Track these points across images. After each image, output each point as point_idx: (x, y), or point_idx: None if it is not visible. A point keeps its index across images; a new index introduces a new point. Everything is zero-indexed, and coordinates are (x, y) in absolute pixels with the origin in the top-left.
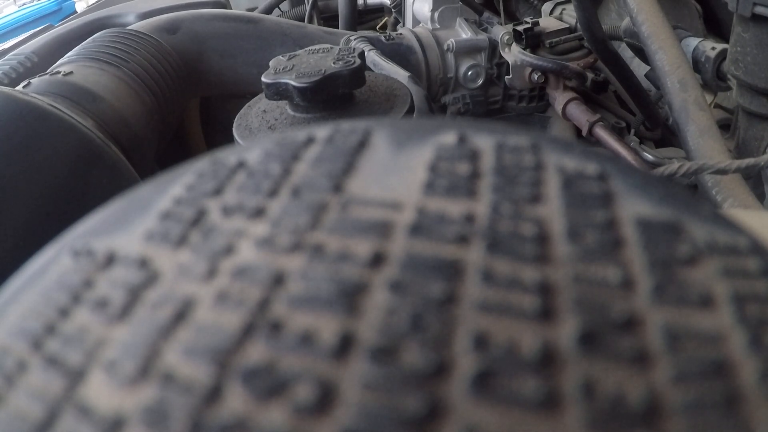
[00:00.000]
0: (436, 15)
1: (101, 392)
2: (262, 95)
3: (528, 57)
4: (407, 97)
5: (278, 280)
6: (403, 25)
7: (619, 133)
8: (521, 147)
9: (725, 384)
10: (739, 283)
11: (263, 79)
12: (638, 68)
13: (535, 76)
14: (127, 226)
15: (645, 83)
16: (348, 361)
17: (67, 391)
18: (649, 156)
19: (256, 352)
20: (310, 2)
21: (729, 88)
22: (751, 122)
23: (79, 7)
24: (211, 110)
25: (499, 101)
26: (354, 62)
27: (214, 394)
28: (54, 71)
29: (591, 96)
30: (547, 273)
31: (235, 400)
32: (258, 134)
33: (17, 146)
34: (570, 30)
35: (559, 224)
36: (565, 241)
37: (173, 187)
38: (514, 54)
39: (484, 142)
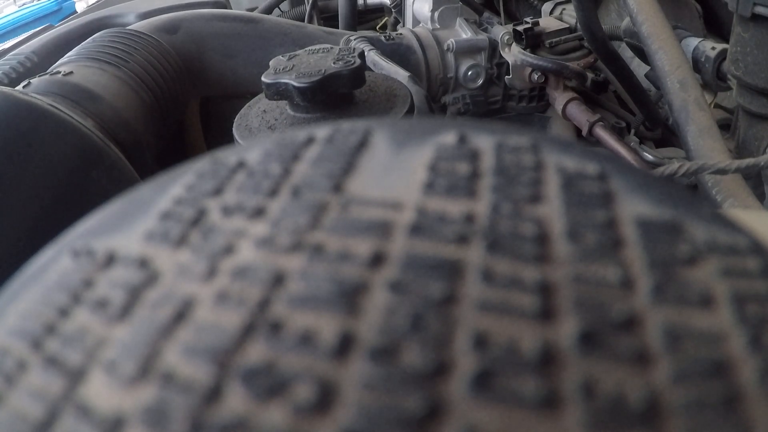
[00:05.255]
0: (436, 15)
1: (101, 392)
2: (262, 95)
3: (528, 57)
4: (407, 97)
5: (278, 280)
6: (403, 25)
7: (619, 133)
8: (521, 147)
9: (725, 384)
10: (739, 283)
11: (263, 79)
12: (638, 68)
13: (535, 76)
14: (127, 226)
15: (645, 83)
16: (348, 361)
17: (67, 391)
18: (649, 156)
19: (256, 352)
20: (310, 2)
21: (729, 88)
22: (751, 122)
23: (79, 7)
24: (211, 110)
25: (499, 101)
26: (354, 62)
27: (214, 394)
28: (54, 71)
29: (591, 96)
30: (547, 273)
31: (235, 400)
32: (258, 134)
33: (17, 146)
34: (570, 30)
35: (559, 224)
36: (565, 241)
37: (173, 187)
38: (514, 54)
39: (484, 142)
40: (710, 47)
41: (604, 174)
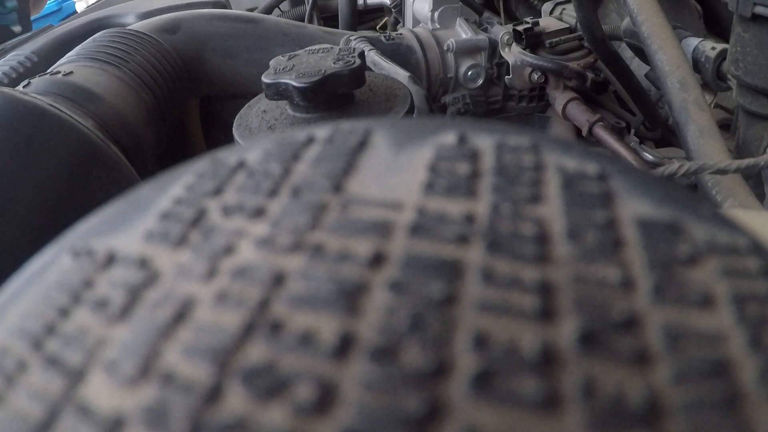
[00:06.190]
0: (436, 15)
1: (101, 392)
2: (262, 95)
3: (528, 57)
4: (407, 97)
5: (278, 280)
6: (403, 25)
7: (619, 133)
8: (521, 147)
9: (725, 384)
10: (739, 283)
11: (263, 79)
12: (638, 68)
13: (535, 76)
14: (127, 226)
15: (645, 83)
16: (348, 361)
17: (67, 391)
18: (649, 156)
19: (256, 352)
20: (310, 2)
21: (729, 88)
22: (751, 122)
23: (79, 7)
24: (211, 110)
25: (499, 101)
26: (354, 62)
27: (214, 394)
28: (54, 71)
29: (591, 96)
30: (547, 273)
31: (235, 400)
32: (258, 134)
33: (17, 146)
34: (570, 30)
35: (559, 224)
36: (565, 241)
37: (173, 187)
38: (514, 54)
39: (484, 142)
40: (710, 47)
41: (604, 174)
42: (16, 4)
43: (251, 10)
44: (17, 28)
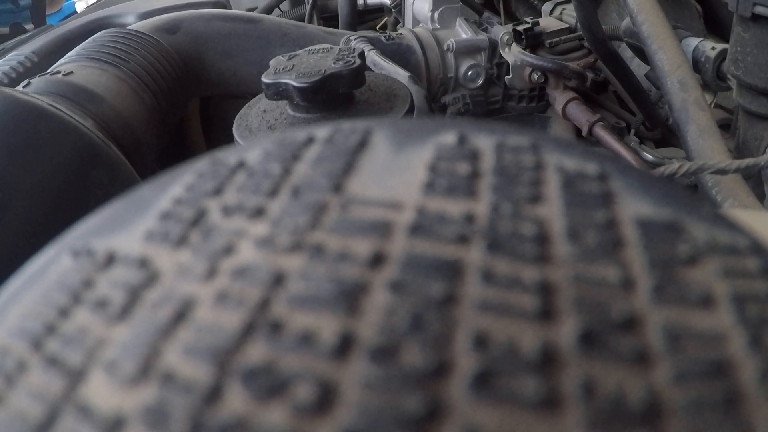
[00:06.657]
0: (436, 15)
1: (101, 392)
2: (262, 95)
3: (528, 57)
4: (407, 97)
5: (278, 280)
6: (403, 25)
7: (619, 133)
8: (521, 147)
9: (725, 384)
10: (739, 283)
11: (263, 79)
12: (638, 68)
13: (535, 76)
14: (127, 226)
15: (645, 83)
16: (348, 361)
17: (67, 391)
18: (649, 156)
19: (256, 352)
20: (310, 2)
21: (729, 88)
22: (751, 122)
23: (79, 7)
24: (211, 110)
25: (499, 101)
26: (354, 62)
27: (214, 394)
28: (54, 71)
29: (591, 96)
30: (547, 273)
31: (235, 400)
32: (258, 134)
33: (17, 146)
34: (570, 30)
35: (559, 224)
36: (565, 241)
37: (173, 187)
38: (514, 54)
39: (484, 142)
40: (710, 47)
41: (604, 174)
42: (30, 2)
43: (251, 10)
44: (30, 26)
